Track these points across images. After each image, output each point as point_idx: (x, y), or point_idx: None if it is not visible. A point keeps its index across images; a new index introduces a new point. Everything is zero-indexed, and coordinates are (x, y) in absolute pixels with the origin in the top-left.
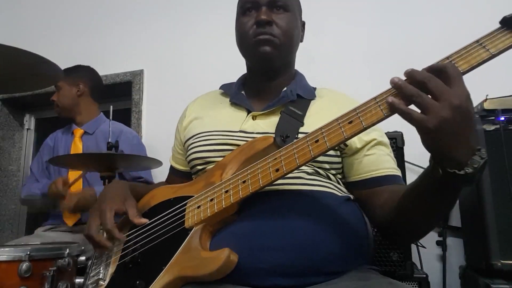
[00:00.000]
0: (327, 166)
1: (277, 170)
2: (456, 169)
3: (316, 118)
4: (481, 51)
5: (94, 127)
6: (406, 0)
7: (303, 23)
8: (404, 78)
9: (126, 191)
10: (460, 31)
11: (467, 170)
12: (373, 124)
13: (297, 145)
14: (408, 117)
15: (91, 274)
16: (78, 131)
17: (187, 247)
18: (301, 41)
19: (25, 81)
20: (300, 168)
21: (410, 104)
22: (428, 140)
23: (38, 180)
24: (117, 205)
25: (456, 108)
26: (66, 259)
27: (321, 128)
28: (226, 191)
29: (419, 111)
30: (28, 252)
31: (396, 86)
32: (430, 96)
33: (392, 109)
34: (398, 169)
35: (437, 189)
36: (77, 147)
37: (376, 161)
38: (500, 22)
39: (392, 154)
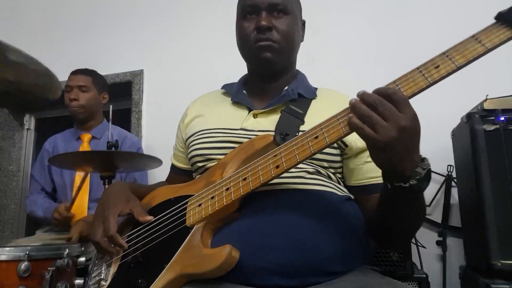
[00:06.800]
0: (326, 164)
1: (277, 166)
2: (402, 183)
3: (317, 117)
4: (477, 45)
5: (101, 132)
6: (406, 1)
7: (303, 22)
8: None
9: (127, 192)
10: (460, 33)
11: (411, 182)
12: None
13: (296, 141)
14: (361, 132)
15: (93, 275)
16: (86, 136)
17: (188, 245)
18: (302, 40)
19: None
20: (302, 167)
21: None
22: (377, 156)
23: (43, 189)
24: (120, 208)
25: (402, 128)
26: (66, 260)
27: (320, 125)
28: (227, 189)
29: None
30: (27, 252)
31: (351, 106)
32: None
33: (348, 123)
34: None
35: (393, 201)
36: None
37: (375, 168)
38: (495, 18)
39: None
